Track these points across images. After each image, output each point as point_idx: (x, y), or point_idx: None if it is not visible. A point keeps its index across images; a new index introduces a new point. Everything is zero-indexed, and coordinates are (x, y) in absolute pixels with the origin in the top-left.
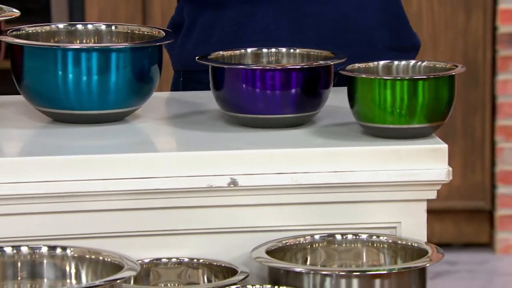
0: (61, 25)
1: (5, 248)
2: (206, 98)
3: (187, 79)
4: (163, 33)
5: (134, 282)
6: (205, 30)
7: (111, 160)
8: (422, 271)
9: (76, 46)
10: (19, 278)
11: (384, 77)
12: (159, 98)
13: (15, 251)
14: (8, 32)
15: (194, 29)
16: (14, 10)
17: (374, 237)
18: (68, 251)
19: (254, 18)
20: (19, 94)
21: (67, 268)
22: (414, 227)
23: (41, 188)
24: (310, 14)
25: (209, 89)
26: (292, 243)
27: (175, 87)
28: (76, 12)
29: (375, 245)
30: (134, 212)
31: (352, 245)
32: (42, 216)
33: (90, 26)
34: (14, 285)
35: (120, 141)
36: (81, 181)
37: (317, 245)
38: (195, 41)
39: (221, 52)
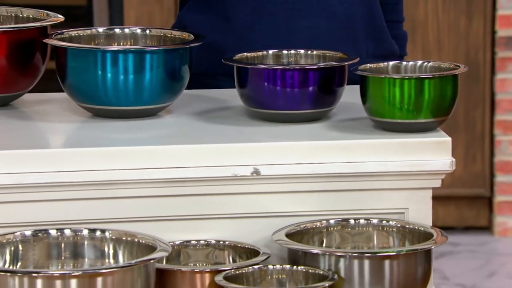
0: (100, 29)
1: (50, 231)
2: (231, 95)
3: (189, 80)
4: (193, 37)
5: (166, 262)
6: (207, 38)
7: (146, 151)
8: (428, 252)
9: (114, 48)
10: (62, 258)
11: (394, 76)
12: (189, 95)
13: (59, 233)
14: (53, 35)
15: None
16: (59, 16)
17: (384, 221)
18: (107, 233)
19: (253, 30)
20: (62, 91)
21: (106, 249)
22: (421, 213)
23: (83, 176)
24: (303, 28)
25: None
26: (309, 227)
27: None
28: (116, 18)
29: (385, 229)
30: (166, 198)
31: (364, 229)
32: (83, 202)
33: (127, 30)
34: (58, 264)
35: (154, 134)
36: (118, 170)
37: (332, 229)
38: (197, 47)
39: (245, 53)
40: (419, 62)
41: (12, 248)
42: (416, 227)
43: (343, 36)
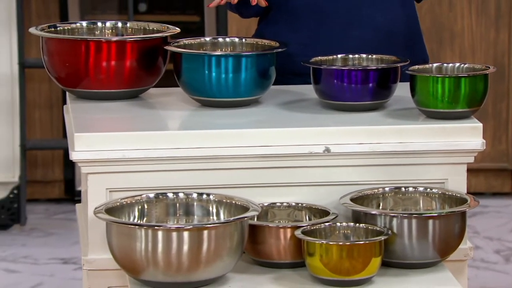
0: (207, 39)
1: (168, 194)
2: (308, 90)
3: None
4: (278, 44)
5: (257, 219)
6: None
7: (241, 133)
8: (463, 213)
9: (218, 53)
10: (177, 215)
11: (437, 75)
12: (275, 89)
13: (174, 196)
14: (172, 43)
15: None
16: (176, 28)
17: (428, 189)
18: (211, 196)
19: (314, 39)
20: (178, 87)
21: (210, 209)
22: (457, 182)
23: (194, 152)
24: (353, 38)
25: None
26: (369, 193)
27: None
28: (221, 30)
29: (429, 195)
30: (257, 170)
31: (412, 195)
32: (194, 172)
33: (228, 39)
34: (174, 220)
35: (248, 120)
36: (220, 148)
37: (387, 195)
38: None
39: (319, 57)
40: (457, 64)
41: (139, 207)
42: (454, 194)
43: (385, 45)
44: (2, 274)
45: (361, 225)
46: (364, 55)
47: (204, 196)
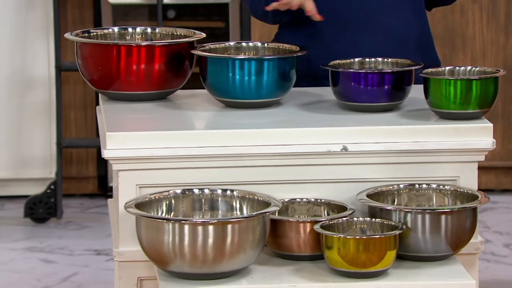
0: (231, 43)
1: (194, 190)
2: (327, 92)
3: None
4: (298, 48)
5: (278, 214)
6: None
7: (264, 133)
8: (474, 209)
9: (241, 57)
10: (203, 210)
11: (449, 78)
12: (296, 91)
13: (200, 192)
14: (198, 48)
15: None
16: (202, 33)
17: (441, 186)
18: (235, 192)
19: (332, 44)
20: (204, 88)
21: (234, 204)
22: (469, 180)
23: (218, 150)
24: (367, 43)
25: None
26: (384, 190)
27: None
28: (245, 35)
29: (441, 191)
30: (278, 167)
31: (426, 191)
32: (218, 169)
33: (250, 44)
34: (199, 214)
35: (270, 120)
36: (243, 146)
37: (401, 191)
38: None
39: (337, 60)
40: (469, 67)
41: (167, 202)
42: (465, 190)
43: (399, 50)
44: (40, 264)
45: (377, 220)
46: (380, 59)
47: (228, 192)
